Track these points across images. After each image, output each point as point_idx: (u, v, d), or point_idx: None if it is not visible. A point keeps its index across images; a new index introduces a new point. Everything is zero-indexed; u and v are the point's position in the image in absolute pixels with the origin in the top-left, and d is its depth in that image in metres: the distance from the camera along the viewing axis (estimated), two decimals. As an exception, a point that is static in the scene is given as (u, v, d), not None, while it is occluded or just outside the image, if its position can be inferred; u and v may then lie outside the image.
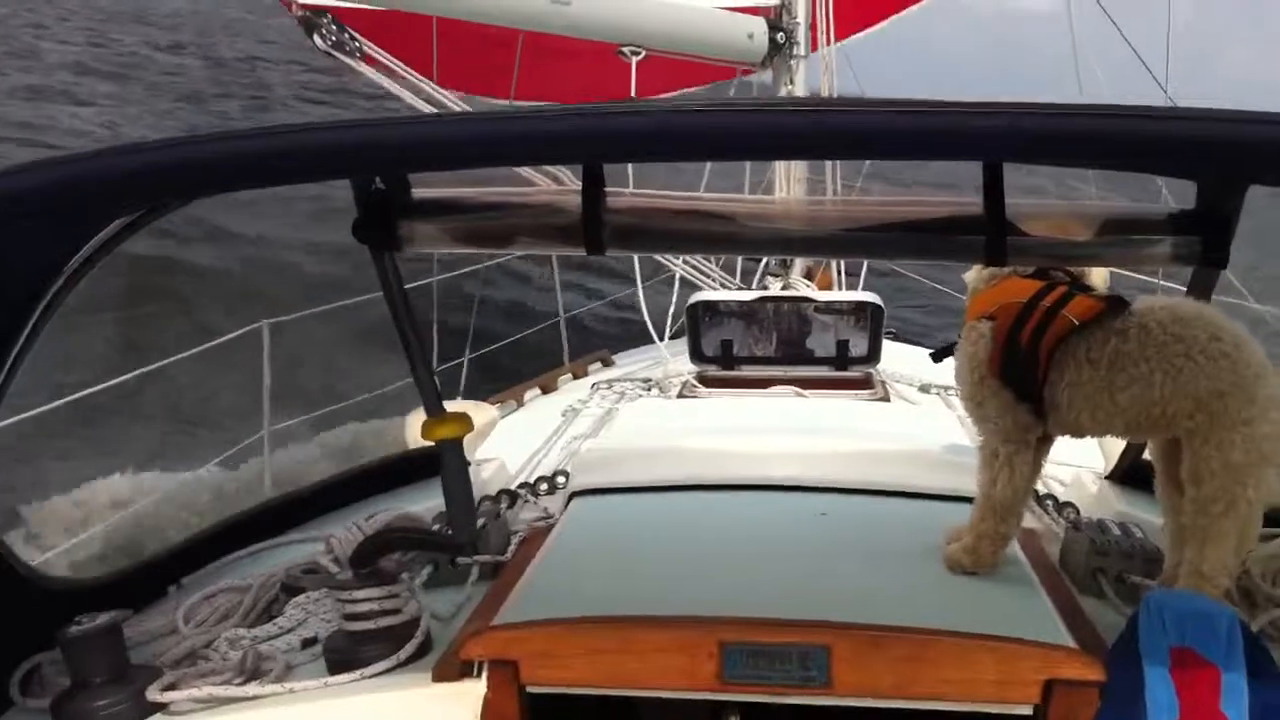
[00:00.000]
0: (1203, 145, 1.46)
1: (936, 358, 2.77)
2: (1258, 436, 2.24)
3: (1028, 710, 1.98)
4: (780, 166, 7.20)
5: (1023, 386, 2.38)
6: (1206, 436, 2.27)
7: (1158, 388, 2.28)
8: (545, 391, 5.66)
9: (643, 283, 6.33)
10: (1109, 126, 1.43)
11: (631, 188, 2.39)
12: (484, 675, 2.06)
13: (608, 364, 6.36)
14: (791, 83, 7.01)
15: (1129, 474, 3.14)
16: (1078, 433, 2.45)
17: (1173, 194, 2.44)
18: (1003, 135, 1.47)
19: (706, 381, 5.35)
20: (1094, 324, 2.34)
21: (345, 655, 2.14)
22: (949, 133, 1.46)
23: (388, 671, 2.11)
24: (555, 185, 4.61)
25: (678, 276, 6.71)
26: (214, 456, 6.10)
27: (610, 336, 10.50)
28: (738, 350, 5.54)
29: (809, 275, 7.32)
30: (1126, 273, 3.14)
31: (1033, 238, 2.18)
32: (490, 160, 1.68)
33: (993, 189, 2.12)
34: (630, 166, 4.45)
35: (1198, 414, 2.27)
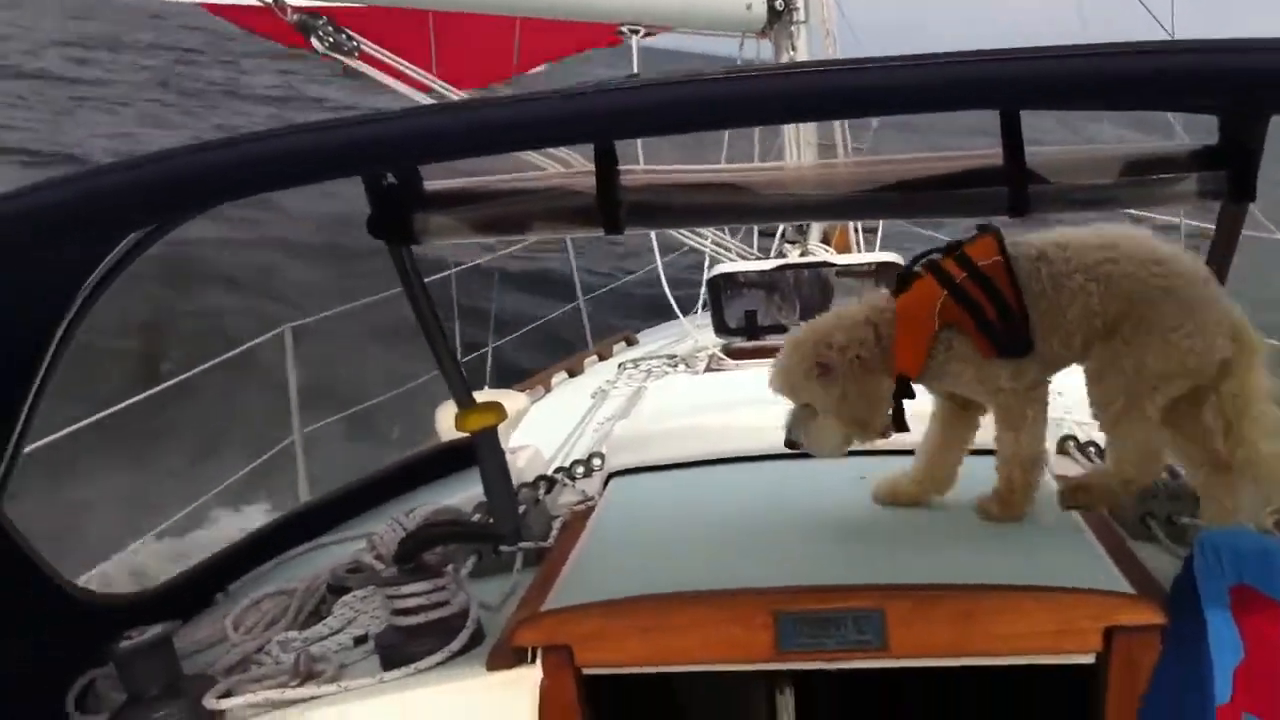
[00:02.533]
0: (1222, 77, 1.43)
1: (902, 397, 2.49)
2: (1183, 348, 2.23)
3: (1089, 659, 1.96)
4: (789, 131, 7.14)
5: (1022, 345, 2.33)
6: (1129, 339, 2.26)
7: (1095, 297, 2.27)
8: (572, 375, 5.66)
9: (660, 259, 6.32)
10: (1126, 65, 1.39)
11: (643, 164, 2.38)
12: (538, 661, 2.05)
13: (632, 343, 6.36)
14: (794, 49, 6.94)
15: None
16: (1056, 363, 2.41)
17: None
18: (1018, 81, 1.43)
19: (732, 353, 5.32)
20: (1014, 261, 2.30)
21: (397, 650, 2.14)
22: (962, 83, 1.43)
23: (441, 664, 2.11)
24: (564, 168, 4.60)
25: (708, 254, 6.68)
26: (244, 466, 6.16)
27: (633, 315, 10.51)
28: (761, 320, 5.51)
29: (826, 239, 7.28)
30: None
31: (1055, 185, 2.15)
32: (502, 146, 1.66)
33: (1011, 138, 2.09)
34: (640, 143, 4.43)
35: (1127, 319, 2.26)
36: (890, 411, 2.43)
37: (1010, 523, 2.42)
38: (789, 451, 2.74)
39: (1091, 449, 3.03)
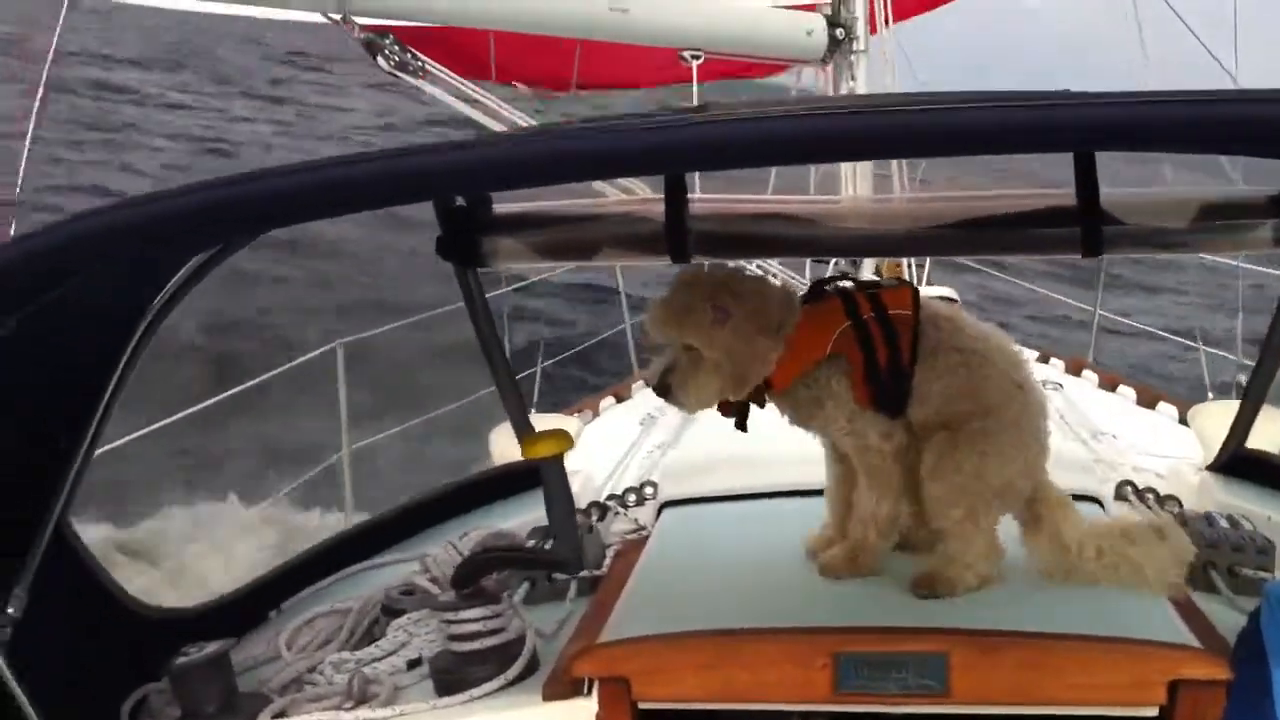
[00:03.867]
0: None
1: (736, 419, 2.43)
2: (1008, 474, 2.23)
3: (1152, 712, 1.93)
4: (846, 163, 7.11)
5: (898, 403, 2.28)
6: (972, 439, 2.22)
7: (962, 379, 2.23)
8: (620, 400, 5.63)
9: None
10: (1207, 112, 1.37)
11: (698, 193, 2.37)
12: (594, 692, 2.04)
13: None
14: (853, 78, 6.92)
15: (1230, 464, 3.05)
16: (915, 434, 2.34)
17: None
18: (1096, 125, 1.42)
19: None
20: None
21: (453, 676, 2.14)
22: (1043, 127, 1.42)
23: (497, 691, 2.10)
24: (626, 195, 4.59)
25: None
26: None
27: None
28: None
29: (878, 271, 7.23)
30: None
31: (1129, 226, 2.13)
32: (578, 175, 1.66)
33: (1085, 178, 2.07)
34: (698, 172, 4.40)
35: (988, 416, 2.23)
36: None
37: None
38: None
39: (1150, 495, 2.98)
